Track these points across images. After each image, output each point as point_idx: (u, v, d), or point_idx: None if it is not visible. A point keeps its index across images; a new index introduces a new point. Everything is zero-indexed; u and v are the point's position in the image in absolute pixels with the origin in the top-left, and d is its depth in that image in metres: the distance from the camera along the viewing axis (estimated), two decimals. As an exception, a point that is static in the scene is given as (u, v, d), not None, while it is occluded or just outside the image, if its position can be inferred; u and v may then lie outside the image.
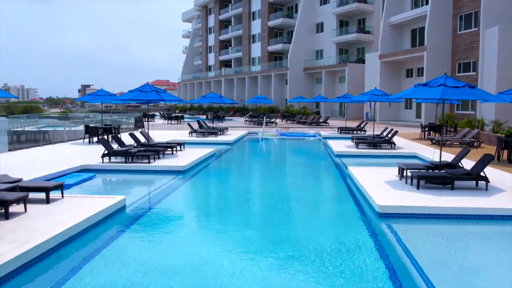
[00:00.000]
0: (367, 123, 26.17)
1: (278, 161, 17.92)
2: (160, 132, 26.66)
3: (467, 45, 32.27)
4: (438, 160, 11.22)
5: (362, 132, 25.62)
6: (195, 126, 25.04)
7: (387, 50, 39.35)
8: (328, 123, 33.45)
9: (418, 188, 9.22)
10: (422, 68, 37.13)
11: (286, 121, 40.92)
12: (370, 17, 48.66)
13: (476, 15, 31.29)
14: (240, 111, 57.06)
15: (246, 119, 40.60)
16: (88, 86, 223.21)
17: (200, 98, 25.58)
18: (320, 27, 52.79)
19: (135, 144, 15.73)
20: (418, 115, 38.17)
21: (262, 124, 32.86)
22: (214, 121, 40.01)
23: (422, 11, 35.58)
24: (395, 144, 17.45)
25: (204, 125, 26.40)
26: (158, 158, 14.10)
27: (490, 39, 28.75)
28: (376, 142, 17.45)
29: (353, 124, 33.16)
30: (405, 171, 10.28)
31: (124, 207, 8.48)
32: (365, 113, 44.18)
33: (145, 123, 35.72)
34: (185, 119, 47.21)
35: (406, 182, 9.96)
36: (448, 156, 13.67)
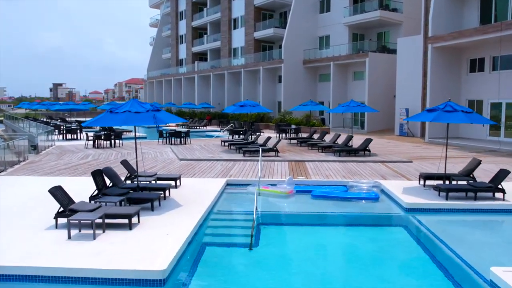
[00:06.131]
0: (504, 172, 10.88)
1: None
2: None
3: None
4: None
5: (503, 196, 10.82)
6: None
7: (440, 31, 25.51)
8: (369, 151, 18.82)
9: None
10: (500, 57, 23.43)
11: (289, 140, 24.58)
12: (398, -11, 34.93)
13: None
14: (218, 119, 42.63)
15: (224, 142, 22.26)
16: (60, 84, 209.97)
17: (103, 106, 10.58)
18: (325, 5, 38.91)
19: None
20: (495, 131, 24.44)
21: (251, 153, 18.35)
22: (175, 141, 23.84)
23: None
24: None
25: (112, 181, 11.67)
26: None
27: None
28: None
29: (409, 147, 18.93)
30: None
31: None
32: (398, 125, 30.31)
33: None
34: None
35: None
36: None
